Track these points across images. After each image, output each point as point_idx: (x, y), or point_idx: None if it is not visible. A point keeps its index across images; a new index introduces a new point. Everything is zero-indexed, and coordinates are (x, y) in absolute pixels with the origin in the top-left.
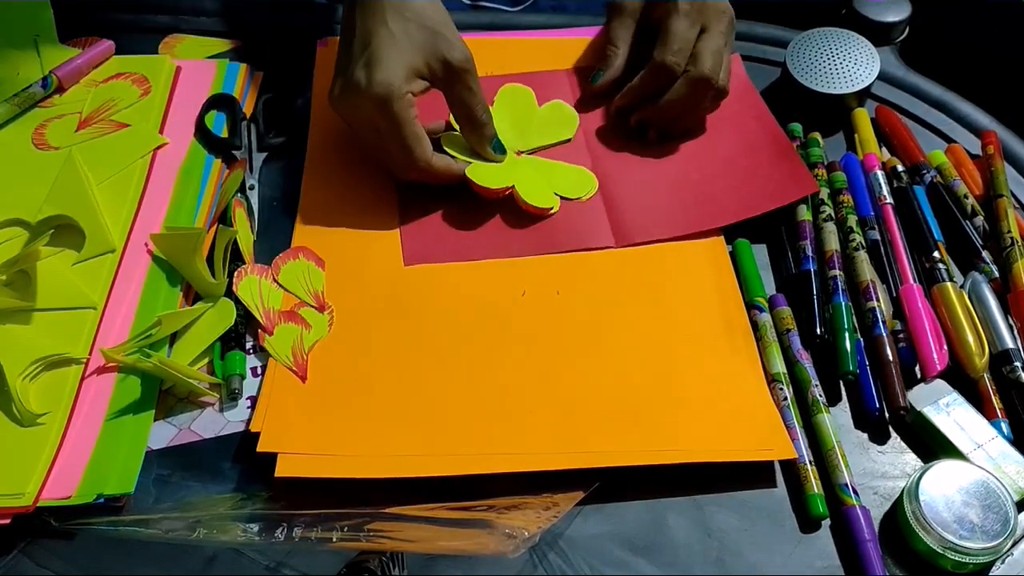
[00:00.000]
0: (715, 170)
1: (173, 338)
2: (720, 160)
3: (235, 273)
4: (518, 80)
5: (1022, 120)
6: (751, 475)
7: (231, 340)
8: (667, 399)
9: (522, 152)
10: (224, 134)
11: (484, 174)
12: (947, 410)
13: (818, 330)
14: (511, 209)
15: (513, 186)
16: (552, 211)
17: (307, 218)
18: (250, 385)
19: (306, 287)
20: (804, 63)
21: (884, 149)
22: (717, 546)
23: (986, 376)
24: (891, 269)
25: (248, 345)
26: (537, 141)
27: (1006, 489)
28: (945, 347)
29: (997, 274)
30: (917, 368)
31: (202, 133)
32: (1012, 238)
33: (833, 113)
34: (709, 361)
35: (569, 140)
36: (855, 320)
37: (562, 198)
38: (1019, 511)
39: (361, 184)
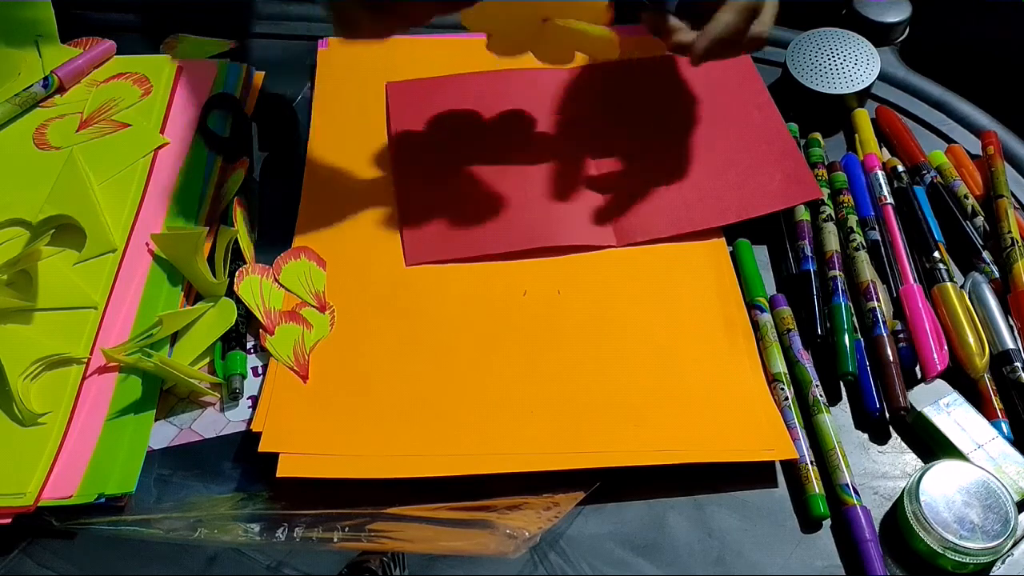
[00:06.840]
0: (717, 165)
1: (174, 338)
2: (722, 155)
3: (236, 273)
4: (519, 77)
5: (1022, 120)
6: (752, 475)
7: (232, 340)
8: (668, 399)
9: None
10: (225, 134)
11: (502, 44)
12: (947, 410)
13: (819, 330)
14: (512, 208)
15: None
16: (570, 63)
17: (308, 218)
18: (251, 385)
19: (307, 287)
20: (804, 63)
21: (884, 149)
22: (717, 546)
23: (986, 376)
24: (891, 269)
25: (249, 345)
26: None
27: (1006, 489)
28: (945, 347)
29: (997, 274)
30: (917, 368)
31: (203, 133)
32: (1012, 238)
33: (833, 113)
34: (710, 361)
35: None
36: (855, 320)
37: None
38: (1019, 511)
39: (362, 184)
